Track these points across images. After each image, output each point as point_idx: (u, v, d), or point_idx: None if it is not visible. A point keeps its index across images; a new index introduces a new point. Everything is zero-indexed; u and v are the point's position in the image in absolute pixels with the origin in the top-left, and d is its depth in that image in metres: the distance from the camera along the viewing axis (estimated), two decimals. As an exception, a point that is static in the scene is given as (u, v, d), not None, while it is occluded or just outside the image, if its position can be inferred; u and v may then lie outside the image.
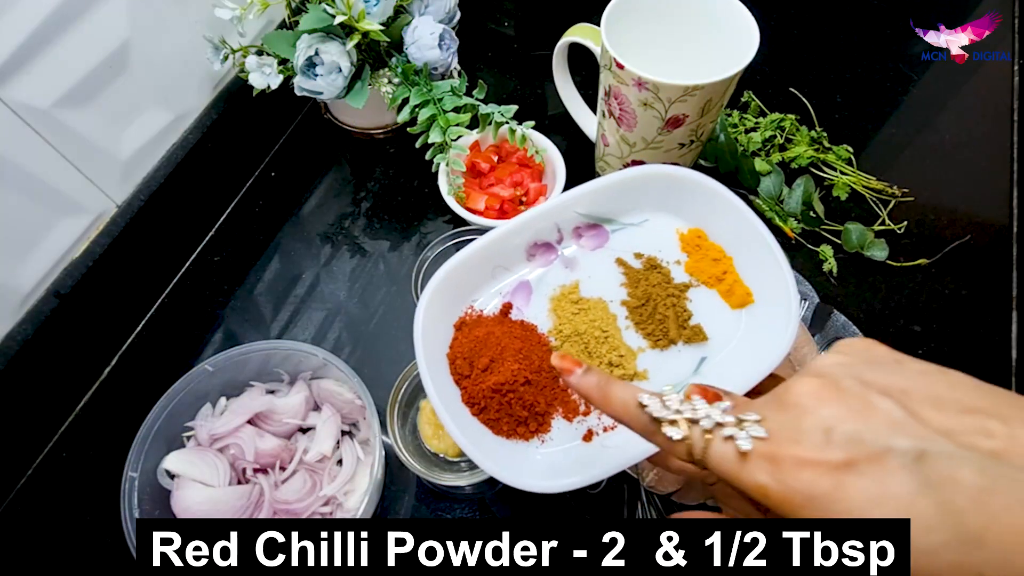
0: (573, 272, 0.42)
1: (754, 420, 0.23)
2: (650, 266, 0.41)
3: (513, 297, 0.42)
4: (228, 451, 0.46)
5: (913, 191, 0.60)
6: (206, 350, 0.55)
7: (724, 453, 0.23)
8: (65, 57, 0.45)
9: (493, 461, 0.34)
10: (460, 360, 0.39)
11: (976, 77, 0.69)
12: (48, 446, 0.51)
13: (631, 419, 0.26)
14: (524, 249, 0.42)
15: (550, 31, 0.62)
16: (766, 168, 0.61)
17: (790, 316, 0.35)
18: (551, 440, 0.38)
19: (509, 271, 0.42)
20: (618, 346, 0.39)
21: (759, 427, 0.23)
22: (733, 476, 0.23)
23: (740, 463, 0.23)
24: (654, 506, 0.45)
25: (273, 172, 0.65)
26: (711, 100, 0.48)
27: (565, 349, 0.40)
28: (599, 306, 0.41)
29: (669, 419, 0.25)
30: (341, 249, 0.60)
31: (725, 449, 0.23)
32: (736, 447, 0.23)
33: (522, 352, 0.39)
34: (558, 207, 0.41)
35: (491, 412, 0.37)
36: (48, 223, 0.48)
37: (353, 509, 0.45)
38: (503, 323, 0.40)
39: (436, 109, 0.55)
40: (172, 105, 0.56)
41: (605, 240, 0.43)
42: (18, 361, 0.47)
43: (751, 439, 0.23)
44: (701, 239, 0.41)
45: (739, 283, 0.40)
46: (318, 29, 0.53)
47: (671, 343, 0.40)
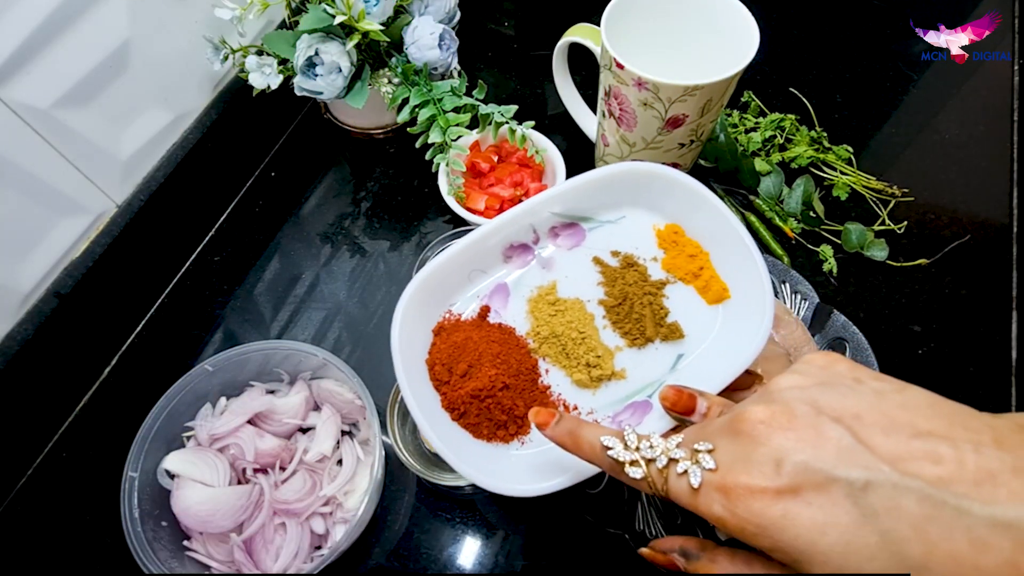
0: (550, 272, 0.42)
1: (706, 450, 0.25)
2: (627, 264, 0.41)
3: (491, 300, 0.42)
4: (228, 451, 0.46)
5: (913, 191, 0.60)
6: (206, 350, 0.55)
7: (680, 487, 0.25)
8: (65, 57, 0.45)
9: (473, 467, 0.35)
10: (439, 366, 0.39)
11: (976, 77, 0.69)
12: (48, 446, 0.51)
13: (599, 461, 0.28)
14: (501, 251, 0.42)
15: (550, 31, 0.62)
16: (766, 168, 0.61)
17: (764, 310, 0.35)
18: (531, 441, 0.38)
19: (486, 274, 0.42)
20: (595, 347, 0.39)
21: (710, 457, 0.24)
22: (692, 507, 0.24)
23: (695, 495, 0.24)
24: (654, 506, 0.45)
25: (273, 172, 0.65)
26: (711, 100, 0.48)
27: (543, 351, 0.40)
28: (576, 306, 0.41)
29: (629, 460, 0.27)
30: (341, 249, 0.60)
31: (680, 483, 0.25)
32: (689, 482, 0.24)
33: (500, 356, 0.39)
34: (533, 208, 0.40)
35: (471, 417, 0.37)
36: (48, 223, 0.48)
37: (353, 509, 0.45)
38: (481, 327, 0.40)
39: (436, 109, 0.55)
40: (172, 105, 0.56)
41: (582, 239, 0.43)
42: (18, 361, 0.47)
43: (701, 472, 0.24)
44: (678, 235, 0.41)
45: (715, 279, 0.39)
46: (318, 29, 0.53)
47: (648, 341, 0.39)
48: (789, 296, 0.53)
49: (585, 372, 0.39)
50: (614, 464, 0.27)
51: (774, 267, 0.54)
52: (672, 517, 0.45)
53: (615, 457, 0.27)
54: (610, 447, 0.27)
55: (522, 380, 0.39)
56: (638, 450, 0.27)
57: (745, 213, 0.60)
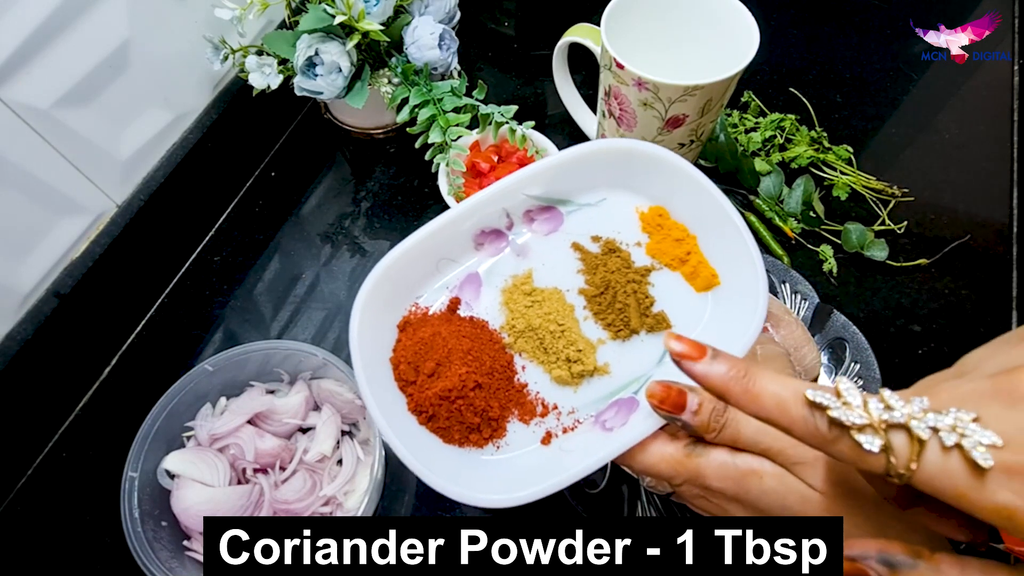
0: (526, 260, 0.39)
1: (971, 421, 0.18)
2: (608, 250, 0.38)
3: (461, 291, 0.38)
4: (228, 451, 0.46)
5: (913, 191, 0.60)
6: (206, 350, 0.55)
7: (948, 468, 0.18)
8: (65, 57, 0.45)
9: (443, 476, 0.31)
10: (404, 365, 0.36)
11: (976, 77, 0.69)
12: (48, 446, 0.51)
13: (792, 422, 0.21)
14: (471, 237, 0.39)
15: (550, 31, 0.62)
16: (766, 168, 0.61)
17: (758, 298, 0.32)
18: (507, 445, 0.35)
19: (456, 262, 0.39)
20: (576, 340, 0.36)
21: (986, 432, 0.18)
22: (961, 496, 0.18)
23: (974, 480, 0.18)
24: (654, 506, 0.45)
25: (273, 172, 0.65)
26: (711, 100, 0.48)
27: (519, 346, 0.37)
28: (554, 296, 0.38)
29: (859, 424, 0.20)
30: (341, 249, 0.60)
31: (949, 463, 0.18)
32: (967, 459, 0.18)
33: (471, 353, 0.35)
34: (506, 190, 0.37)
35: (440, 420, 0.34)
36: (48, 223, 0.48)
37: (353, 509, 0.45)
38: (451, 321, 0.37)
39: (436, 109, 0.55)
40: (172, 105, 0.56)
41: (559, 223, 0.39)
42: (18, 361, 0.47)
43: (985, 449, 0.18)
44: (663, 218, 0.38)
45: (704, 264, 0.37)
46: (318, 29, 0.53)
47: (633, 333, 0.36)
48: (789, 296, 0.53)
49: (565, 368, 0.36)
50: (824, 430, 0.20)
51: (774, 267, 0.54)
52: (672, 516, 0.45)
53: (838, 419, 0.20)
54: (825, 404, 0.20)
55: (496, 378, 0.36)
56: (867, 411, 0.20)
57: (745, 213, 0.60)
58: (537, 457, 0.35)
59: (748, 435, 0.28)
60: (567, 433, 0.35)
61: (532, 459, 0.34)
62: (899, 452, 0.19)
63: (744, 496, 0.28)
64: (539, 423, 0.35)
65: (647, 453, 0.30)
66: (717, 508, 0.30)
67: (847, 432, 0.20)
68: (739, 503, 0.29)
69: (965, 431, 0.18)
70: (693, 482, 0.29)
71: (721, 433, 0.28)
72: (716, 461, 0.29)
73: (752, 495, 0.28)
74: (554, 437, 0.35)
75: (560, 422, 0.35)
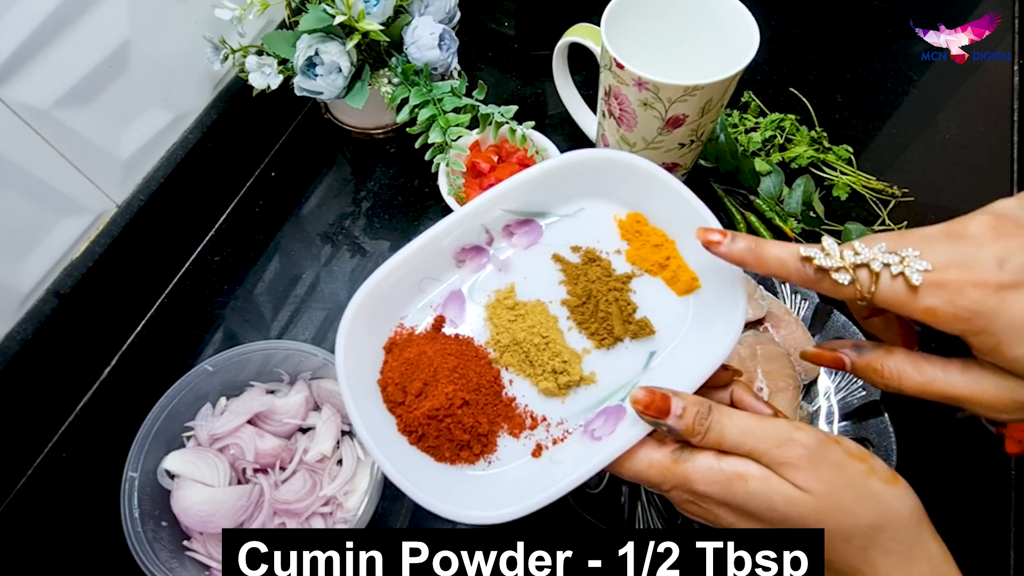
0: (507, 275, 0.39)
1: (915, 255, 0.26)
2: (589, 259, 0.39)
3: (445, 309, 0.38)
4: (228, 451, 0.46)
5: (913, 191, 0.60)
6: (206, 350, 0.55)
7: (894, 288, 0.26)
8: (65, 57, 0.45)
9: (436, 495, 0.32)
10: (392, 387, 0.36)
11: (976, 77, 0.69)
12: (48, 446, 0.51)
13: (790, 273, 0.29)
14: (452, 255, 0.39)
15: (550, 31, 0.62)
16: (766, 168, 0.61)
17: (738, 297, 0.33)
18: (498, 460, 0.35)
19: (438, 281, 0.39)
20: (560, 351, 0.37)
21: (920, 260, 0.26)
22: (903, 305, 0.26)
23: (912, 293, 0.26)
24: (654, 506, 0.45)
25: (273, 172, 0.65)
26: (711, 100, 0.48)
27: (505, 360, 0.37)
28: (537, 309, 0.38)
29: (835, 267, 0.27)
30: (341, 249, 0.60)
31: (895, 284, 0.26)
32: (906, 280, 0.26)
33: (457, 371, 0.36)
34: (483, 206, 0.37)
35: (430, 439, 0.35)
36: (48, 223, 0.48)
37: (353, 509, 0.45)
38: (436, 340, 0.37)
39: (436, 109, 0.55)
40: (172, 105, 0.56)
41: (539, 235, 0.40)
42: (18, 361, 0.47)
43: (919, 273, 0.26)
44: (641, 224, 0.39)
45: (684, 268, 0.37)
46: (318, 29, 0.53)
47: (617, 340, 0.37)
48: (789, 296, 0.53)
49: (552, 379, 0.36)
50: (812, 274, 0.28)
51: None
52: (673, 516, 0.45)
53: (821, 264, 0.28)
54: (812, 256, 0.28)
55: (483, 395, 0.36)
56: (842, 258, 0.28)
57: (745, 213, 0.60)
58: (528, 470, 0.35)
59: (733, 437, 0.29)
60: (557, 444, 0.35)
61: (523, 472, 0.34)
62: (862, 282, 0.27)
63: (731, 500, 0.29)
64: (529, 436, 0.36)
65: (635, 460, 0.31)
66: (706, 512, 0.30)
67: (827, 273, 0.28)
68: (727, 507, 0.29)
69: (909, 263, 0.26)
70: (681, 488, 0.30)
71: (706, 436, 0.29)
72: (702, 466, 0.29)
73: (739, 498, 0.28)
74: (544, 449, 0.35)
75: (550, 434, 0.36)
